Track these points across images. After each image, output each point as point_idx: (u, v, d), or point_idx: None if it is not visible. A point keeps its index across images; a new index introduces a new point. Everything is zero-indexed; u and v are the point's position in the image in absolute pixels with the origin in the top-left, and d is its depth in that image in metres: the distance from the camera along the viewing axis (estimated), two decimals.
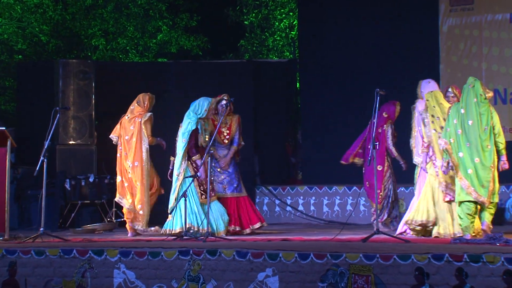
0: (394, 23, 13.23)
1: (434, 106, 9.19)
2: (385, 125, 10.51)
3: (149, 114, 10.46)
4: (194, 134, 9.93)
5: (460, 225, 8.74)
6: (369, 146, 9.10)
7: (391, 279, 7.44)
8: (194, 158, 9.89)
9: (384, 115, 10.52)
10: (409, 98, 12.18)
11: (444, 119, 9.01)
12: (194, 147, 9.90)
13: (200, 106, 10.15)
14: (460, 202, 8.66)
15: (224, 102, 10.31)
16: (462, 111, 8.72)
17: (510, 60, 12.66)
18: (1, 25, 17.85)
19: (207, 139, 10.00)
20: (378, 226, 8.94)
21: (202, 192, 9.88)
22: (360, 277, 7.53)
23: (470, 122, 8.65)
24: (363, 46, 13.34)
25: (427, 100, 9.23)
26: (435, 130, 9.13)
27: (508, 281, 7.07)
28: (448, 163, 8.72)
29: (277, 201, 12.97)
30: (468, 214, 8.60)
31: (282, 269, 7.82)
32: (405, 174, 12.18)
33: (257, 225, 10.27)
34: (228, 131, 10.39)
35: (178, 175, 9.96)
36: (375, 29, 13.31)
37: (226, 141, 10.35)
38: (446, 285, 7.28)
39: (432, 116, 9.18)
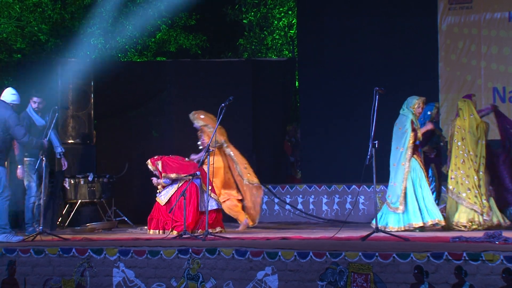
0: (393, 21, 13.23)
1: None
2: None
3: None
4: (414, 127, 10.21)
5: None
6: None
7: (391, 278, 7.45)
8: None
9: None
10: (408, 96, 12.20)
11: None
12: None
13: (408, 102, 10.39)
14: None
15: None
16: None
17: (509, 59, 12.67)
18: (0, 24, 17.84)
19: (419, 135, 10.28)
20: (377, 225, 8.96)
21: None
22: (360, 276, 7.54)
23: None
24: (362, 45, 13.35)
25: None
26: None
27: (507, 279, 7.08)
28: None
29: (276, 200, 12.96)
30: None
31: (282, 267, 7.82)
32: None
33: None
34: None
35: (403, 164, 10.06)
36: (374, 28, 13.31)
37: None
38: (445, 284, 7.28)
39: None
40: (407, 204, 9.97)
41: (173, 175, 10.51)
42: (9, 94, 9.72)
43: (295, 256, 7.80)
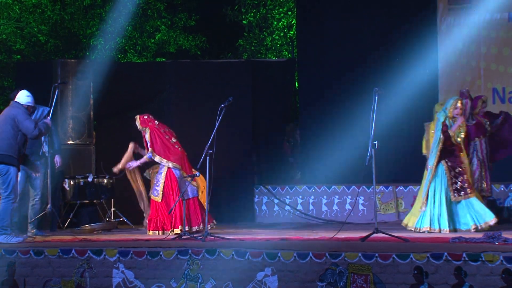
0: (392, 22, 13.22)
1: None
2: None
3: None
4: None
5: None
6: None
7: (390, 278, 7.45)
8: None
9: None
10: (408, 97, 12.22)
11: None
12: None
13: (447, 104, 10.25)
14: None
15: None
16: None
17: (509, 59, 12.67)
18: (0, 25, 17.85)
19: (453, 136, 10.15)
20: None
21: (455, 189, 9.97)
22: (359, 276, 7.54)
23: None
24: (362, 45, 13.34)
25: None
26: None
27: (507, 280, 7.08)
28: None
29: (276, 201, 12.96)
30: None
31: (281, 268, 7.82)
32: (404, 173, 12.19)
33: None
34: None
35: (430, 167, 10.02)
36: (374, 28, 13.30)
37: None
38: (445, 284, 7.28)
39: None
40: (427, 206, 9.98)
41: (156, 158, 10.71)
42: (24, 96, 9.90)
43: (295, 257, 7.79)
